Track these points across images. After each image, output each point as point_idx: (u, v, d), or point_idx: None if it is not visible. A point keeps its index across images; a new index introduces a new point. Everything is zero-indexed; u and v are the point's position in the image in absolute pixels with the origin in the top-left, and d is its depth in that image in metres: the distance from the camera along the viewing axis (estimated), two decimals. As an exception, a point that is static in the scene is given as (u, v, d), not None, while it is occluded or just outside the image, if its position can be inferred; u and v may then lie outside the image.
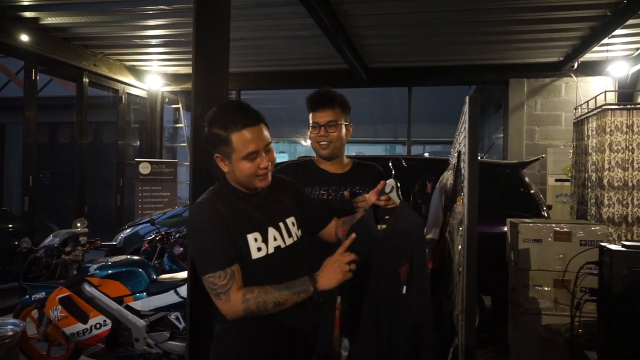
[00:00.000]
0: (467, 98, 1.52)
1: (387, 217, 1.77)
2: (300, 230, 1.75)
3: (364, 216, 1.82)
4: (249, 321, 1.60)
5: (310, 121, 2.23)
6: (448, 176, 2.08)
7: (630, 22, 4.95)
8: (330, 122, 2.17)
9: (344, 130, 2.21)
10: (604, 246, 1.89)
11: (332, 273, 1.54)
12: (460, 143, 2.01)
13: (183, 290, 3.39)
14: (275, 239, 1.65)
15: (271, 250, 1.64)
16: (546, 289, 3.29)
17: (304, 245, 1.75)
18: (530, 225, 3.33)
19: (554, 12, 5.02)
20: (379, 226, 1.77)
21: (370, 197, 1.82)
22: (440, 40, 6.13)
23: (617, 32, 5.26)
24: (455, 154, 2.15)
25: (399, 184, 1.84)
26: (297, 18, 5.26)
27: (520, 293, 3.33)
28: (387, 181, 1.81)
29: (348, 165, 2.30)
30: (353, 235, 1.62)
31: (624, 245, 1.84)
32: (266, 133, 1.62)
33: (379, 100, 10.92)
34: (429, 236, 2.29)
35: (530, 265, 3.29)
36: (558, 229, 3.30)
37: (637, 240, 4.48)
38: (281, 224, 1.68)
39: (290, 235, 1.70)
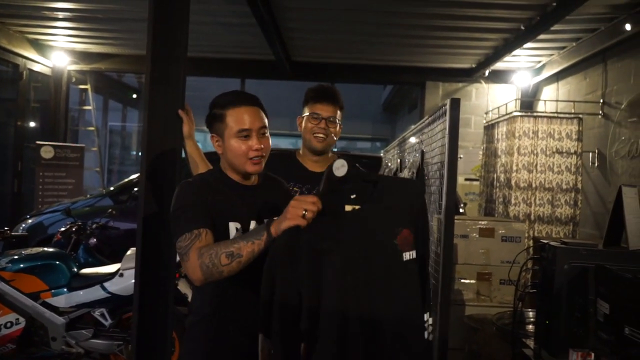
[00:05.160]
0: (449, 101, 1.57)
1: (352, 196, 1.47)
2: None
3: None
4: (219, 315, 1.58)
5: (308, 112, 2.20)
6: (406, 174, 2.16)
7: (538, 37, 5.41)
8: (331, 117, 2.18)
9: (338, 129, 2.23)
10: (546, 243, 2.06)
11: (284, 214, 1.38)
12: (422, 142, 2.09)
13: (110, 284, 3.19)
14: None
15: None
16: (470, 281, 3.52)
17: None
18: (459, 221, 3.54)
19: (472, 22, 5.35)
20: (348, 207, 1.46)
21: (323, 186, 1.52)
22: (364, 40, 6.29)
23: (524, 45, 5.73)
24: (415, 154, 2.23)
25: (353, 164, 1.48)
26: (228, 4, 5.13)
27: (446, 285, 3.53)
28: (334, 163, 1.47)
29: (330, 162, 2.25)
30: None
31: (563, 242, 2.01)
32: (262, 117, 1.62)
33: (297, 94, 10.99)
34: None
35: (457, 259, 3.50)
36: (482, 225, 3.54)
37: (540, 236, 4.93)
38: (266, 221, 1.64)
39: None
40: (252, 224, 1.62)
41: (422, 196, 1.51)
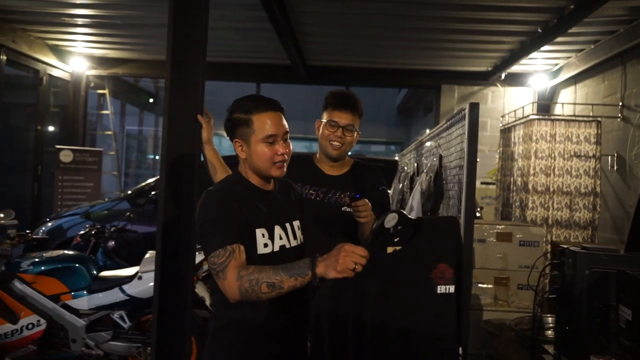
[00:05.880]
0: (468, 105, 1.58)
1: (396, 239, 1.58)
2: (303, 236, 1.74)
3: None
4: (243, 320, 1.58)
5: (326, 118, 2.18)
6: (424, 178, 2.15)
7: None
8: (349, 126, 2.15)
9: (355, 136, 2.21)
10: (566, 248, 2.04)
11: (333, 261, 1.39)
12: (439, 146, 2.08)
13: (129, 287, 3.23)
14: (280, 238, 1.64)
15: (277, 249, 1.63)
16: (488, 286, 3.49)
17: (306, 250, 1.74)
18: (476, 225, 3.51)
19: (488, 25, 5.32)
20: (389, 249, 1.58)
21: (372, 238, 1.57)
22: (379, 44, 6.28)
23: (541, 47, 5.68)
24: (433, 158, 2.23)
25: (402, 213, 1.59)
26: (244, 10, 5.17)
27: (463, 290, 3.51)
28: (387, 217, 1.55)
29: (346, 167, 2.27)
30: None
31: (584, 248, 1.99)
32: (285, 122, 1.64)
33: (312, 98, 11.02)
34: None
35: (474, 264, 3.48)
36: (500, 230, 3.52)
37: (558, 240, 4.87)
38: (287, 225, 1.67)
39: (295, 237, 1.69)
40: (276, 229, 1.64)
41: (459, 232, 1.60)
